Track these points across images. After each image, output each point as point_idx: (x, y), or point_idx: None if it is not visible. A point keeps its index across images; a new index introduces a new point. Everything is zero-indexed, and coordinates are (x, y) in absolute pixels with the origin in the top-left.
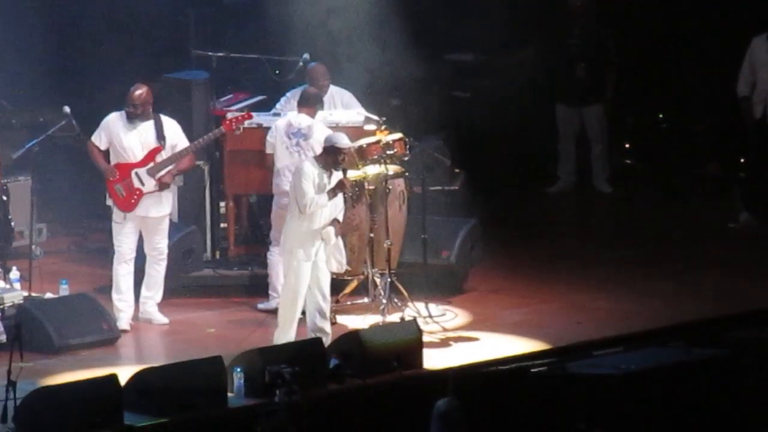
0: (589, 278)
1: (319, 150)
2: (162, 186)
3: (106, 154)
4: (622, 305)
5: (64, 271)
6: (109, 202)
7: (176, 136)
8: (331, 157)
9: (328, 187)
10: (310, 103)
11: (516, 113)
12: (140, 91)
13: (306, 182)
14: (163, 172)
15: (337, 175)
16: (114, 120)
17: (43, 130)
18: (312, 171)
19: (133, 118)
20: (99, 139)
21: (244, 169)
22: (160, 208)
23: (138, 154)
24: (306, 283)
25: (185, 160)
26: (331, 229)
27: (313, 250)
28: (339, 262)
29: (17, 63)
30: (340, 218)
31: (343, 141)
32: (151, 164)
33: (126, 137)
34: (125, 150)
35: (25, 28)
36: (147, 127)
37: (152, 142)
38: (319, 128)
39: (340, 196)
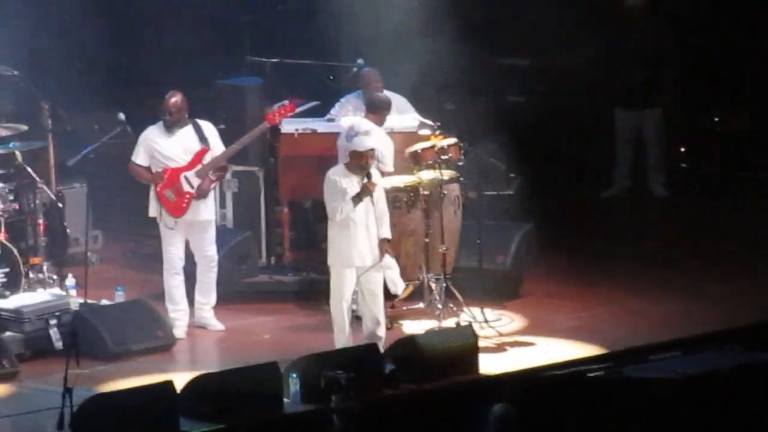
0: (645, 282)
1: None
2: (201, 192)
3: (147, 170)
4: (679, 309)
5: (120, 278)
6: (153, 213)
7: (216, 138)
8: (355, 161)
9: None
10: (376, 109)
11: (570, 117)
12: (175, 98)
13: (329, 189)
14: (212, 174)
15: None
16: (151, 133)
17: (98, 137)
18: (337, 178)
19: (170, 126)
20: (138, 157)
21: (298, 175)
22: (207, 211)
23: (182, 159)
24: (348, 287)
25: (222, 171)
26: (387, 257)
27: (352, 256)
28: (393, 282)
29: (71, 70)
30: (387, 235)
31: (363, 144)
32: (200, 166)
33: (167, 145)
34: (168, 158)
35: (80, 36)
36: (186, 132)
37: (195, 146)
38: (375, 133)
39: (379, 204)
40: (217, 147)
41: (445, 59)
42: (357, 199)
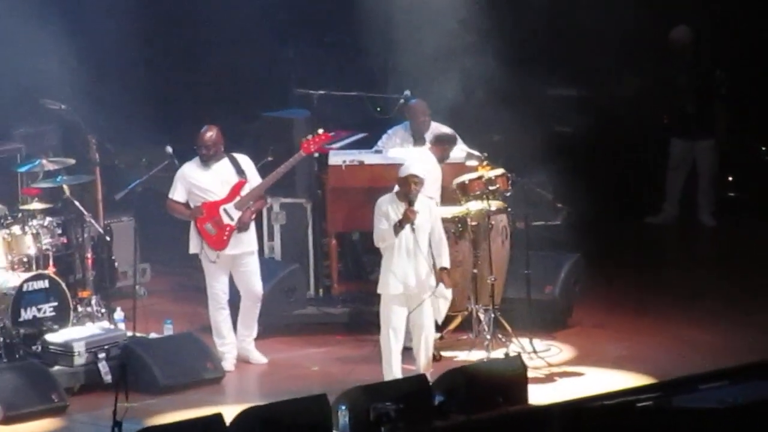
0: (693, 311)
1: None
2: (242, 225)
3: (186, 206)
4: (727, 338)
5: (168, 311)
6: (194, 249)
7: (253, 170)
8: (402, 187)
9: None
10: (439, 143)
11: (617, 147)
12: (211, 133)
13: (375, 215)
14: (251, 207)
15: (420, 205)
16: (188, 169)
17: (146, 170)
18: (383, 203)
19: (207, 160)
20: (176, 193)
21: (346, 206)
22: (249, 243)
23: (221, 193)
24: (396, 316)
25: (261, 202)
26: (441, 286)
27: (394, 283)
28: (438, 310)
29: (119, 103)
30: (446, 264)
31: (405, 170)
32: (238, 198)
33: (204, 179)
34: (206, 192)
35: (127, 68)
36: (223, 166)
37: (233, 178)
38: (424, 163)
39: (436, 233)
40: (254, 179)
41: (493, 90)
42: (398, 226)
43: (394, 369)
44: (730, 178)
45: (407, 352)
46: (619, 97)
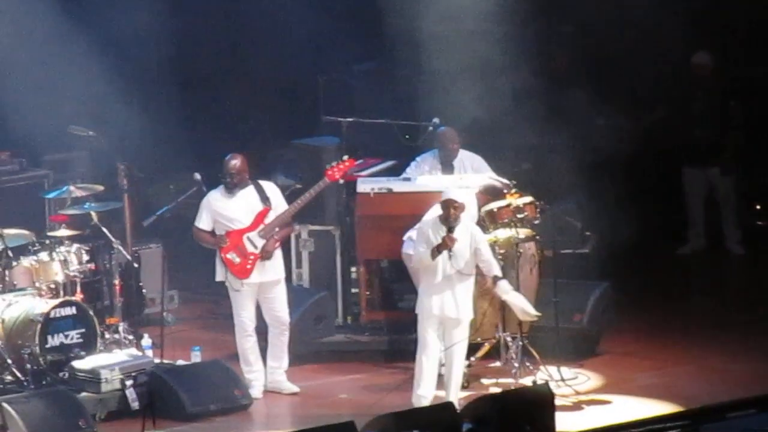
0: (722, 340)
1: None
2: (266, 253)
3: (212, 234)
4: (756, 367)
5: (196, 338)
6: (220, 277)
7: (278, 197)
8: (444, 211)
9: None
10: (486, 193)
11: (645, 175)
12: (235, 161)
13: (417, 239)
14: (276, 235)
15: (462, 230)
16: (213, 197)
17: (174, 197)
18: (426, 227)
19: (232, 188)
20: (201, 221)
21: (375, 234)
22: (274, 271)
23: (245, 220)
24: (429, 339)
25: (287, 229)
26: (504, 282)
27: (433, 306)
28: (523, 311)
29: (147, 130)
30: (497, 273)
31: (445, 195)
32: (262, 226)
33: (229, 208)
34: (231, 220)
35: (157, 96)
36: (248, 193)
37: (257, 206)
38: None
39: (482, 253)
40: (279, 206)
41: (521, 118)
42: (435, 251)
43: (422, 390)
44: (758, 207)
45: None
46: (646, 126)
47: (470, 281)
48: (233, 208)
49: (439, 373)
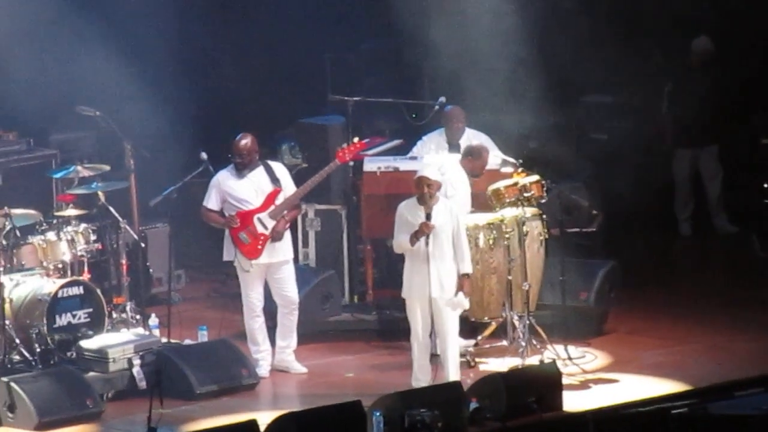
0: (728, 318)
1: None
2: (276, 234)
3: (220, 214)
4: (763, 345)
5: (203, 317)
6: (228, 257)
7: (287, 178)
8: (418, 189)
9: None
10: (466, 156)
11: (653, 153)
12: (245, 141)
13: (396, 224)
14: (286, 215)
15: (440, 208)
16: (222, 177)
17: (181, 176)
18: (403, 211)
19: (241, 169)
20: (210, 201)
21: (381, 213)
22: (284, 252)
23: (255, 201)
24: (418, 322)
25: (295, 210)
26: (460, 295)
27: (417, 289)
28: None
29: (154, 110)
30: (467, 270)
31: (419, 173)
32: (272, 207)
33: (239, 188)
34: (241, 201)
35: (162, 75)
36: (258, 174)
37: (267, 187)
38: (453, 173)
39: (460, 238)
40: (289, 187)
41: (529, 97)
42: (413, 238)
43: (420, 375)
44: (766, 186)
45: (435, 358)
46: (654, 104)
47: (453, 260)
48: (243, 189)
49: (437, 353)
